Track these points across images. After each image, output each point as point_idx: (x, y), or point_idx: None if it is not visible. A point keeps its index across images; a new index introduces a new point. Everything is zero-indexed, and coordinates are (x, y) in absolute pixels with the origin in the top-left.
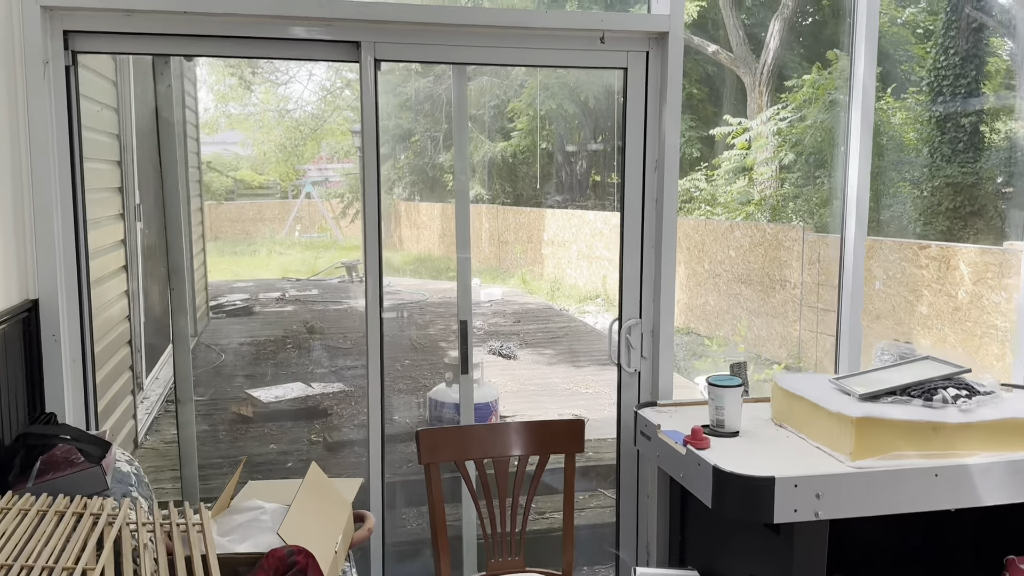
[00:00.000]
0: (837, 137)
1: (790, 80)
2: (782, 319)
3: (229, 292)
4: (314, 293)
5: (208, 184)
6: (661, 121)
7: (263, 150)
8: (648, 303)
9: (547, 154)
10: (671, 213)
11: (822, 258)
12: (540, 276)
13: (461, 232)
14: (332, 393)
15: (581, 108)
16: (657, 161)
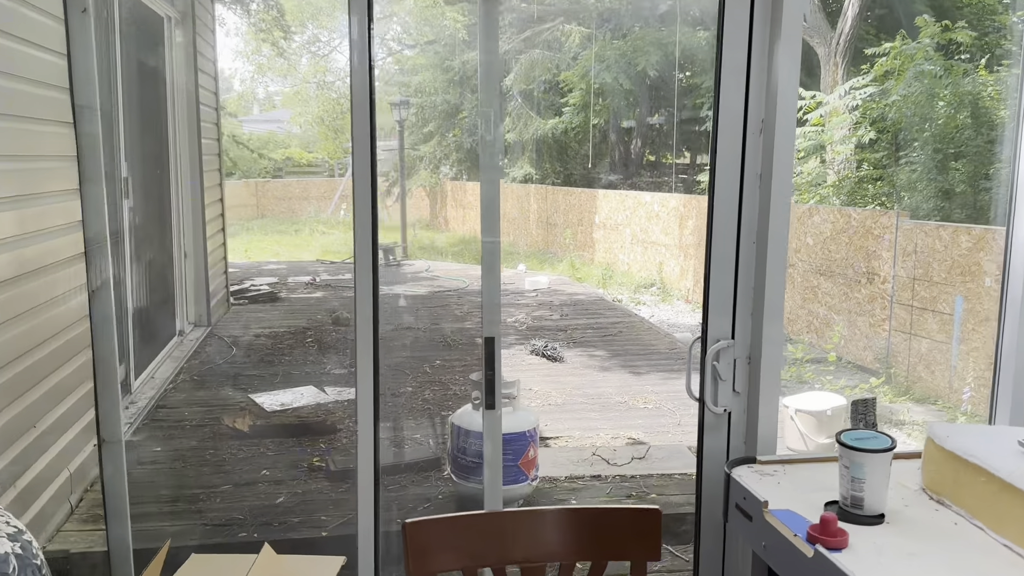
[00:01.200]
0: (928, 112)
1: (870, 49)
2: (868, 318)
3: (257, 275)
4: (347, 278)
5: (239, 161)
6: (772, 63)
7: (300, 122)
8: (744, 319)
9: (600, 131)
10: (783, 195)
11: (919, 249)
12: (591, 261)
13: (488, 209)
14: (347, 401)
15: (638, 81)
16: (764, 121)
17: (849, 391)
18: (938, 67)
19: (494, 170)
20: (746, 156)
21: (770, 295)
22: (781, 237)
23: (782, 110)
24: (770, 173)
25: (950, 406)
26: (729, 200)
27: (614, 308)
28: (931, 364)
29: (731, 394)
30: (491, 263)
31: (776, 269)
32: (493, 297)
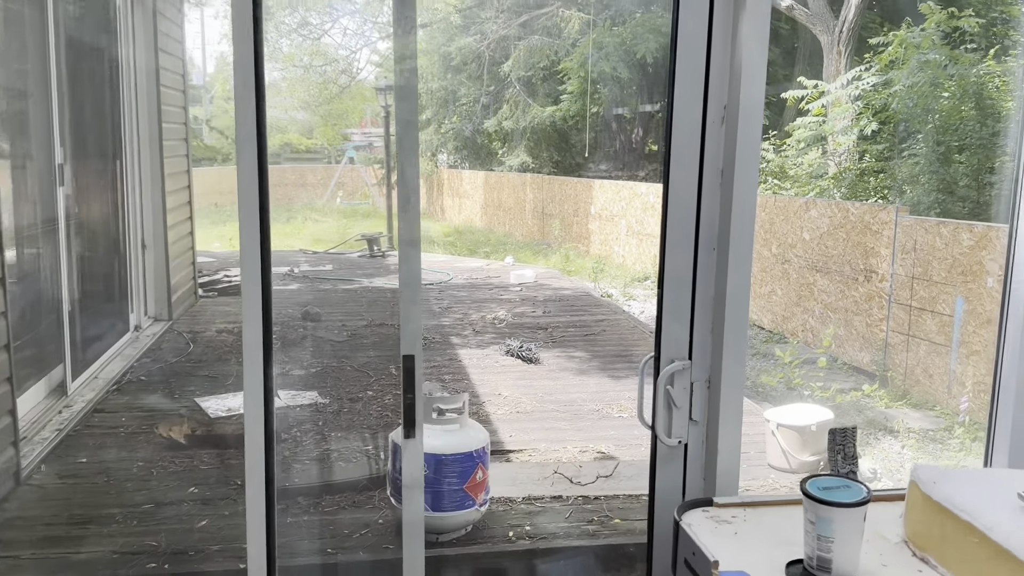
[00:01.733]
0: (932, 102)
1: (875, 38)
2: (864, 316)
3: (235, 265)
4: (327, 269)
5: (217, 147)
6: (736, 39)
7: (285, 108)
8: (703, 336)
9: (598, 120)
10: (747, 192)
11: (919, 246)
12: (585, 253)
13: (406, 200)
14: (300, 407)
15: (637, 69)
16: (727, 108)
17: (841, 397)
18: (943, 56)
19: (411, 151)
20: (705, 148)
21: (732, 309)
22: (745, 242)
23: (747, 95)
24: (732, 168)
25: (948, 412)
26: (685, 200)
27: (600, 304)
28: (929, 368)
29: (687, 423)
30: (410, 271)
31: (739, 279)
32: (412, 309)
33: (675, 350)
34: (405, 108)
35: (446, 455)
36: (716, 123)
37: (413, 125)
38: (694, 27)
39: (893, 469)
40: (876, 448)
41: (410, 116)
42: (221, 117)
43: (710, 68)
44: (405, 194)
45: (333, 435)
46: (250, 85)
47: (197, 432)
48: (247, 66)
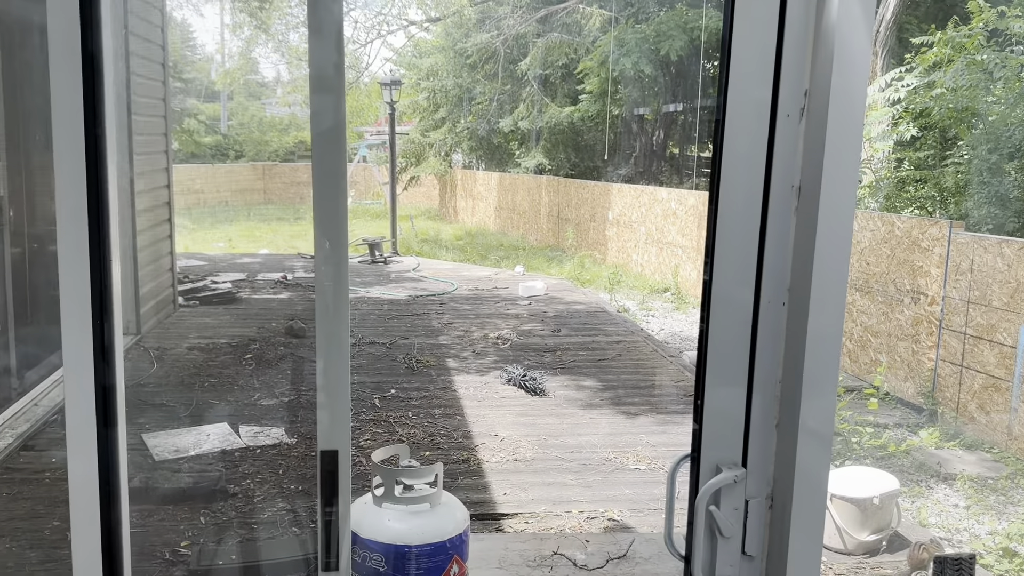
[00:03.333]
0: (980, 107)
1: (918, 38)
2: (911, 342)
3: (228, 270)
4: None
5: (228, 144)
6: (823, 5)
7: (288, 102)
8: (764, 434)
9: (619, 121)
10: (838, 217)
11: (976, 267)
12: (601, 261)
13: (323, 207)
14: (262, 448)
15: (661, 67)
16: (808, 96)
17: (894, 448)
18: (992, 57)
19: (331, 147)
20: (774, 154)
21: (811, 393)
22: (833, 293)
23: (842, 76)
24: (818, 182)
25: (1009, 457)
26: (742, 228)
27: (616, 322)
28: (986, 404)
29: (739, 559)
30: (334, 307)
31: (823, 348)
32: (337, 373)
33: (722, 452)
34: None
35: (411, 546)
36: (791, 118)
37: (331, 143)
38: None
39: (953, 528)
40: (929, 499)
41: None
42: (240, 114)
43: (783, 36)
44: (323, 238)
45: (292, 489)
46: (73, 54)
47: (132, 482)
48: (68, 30)
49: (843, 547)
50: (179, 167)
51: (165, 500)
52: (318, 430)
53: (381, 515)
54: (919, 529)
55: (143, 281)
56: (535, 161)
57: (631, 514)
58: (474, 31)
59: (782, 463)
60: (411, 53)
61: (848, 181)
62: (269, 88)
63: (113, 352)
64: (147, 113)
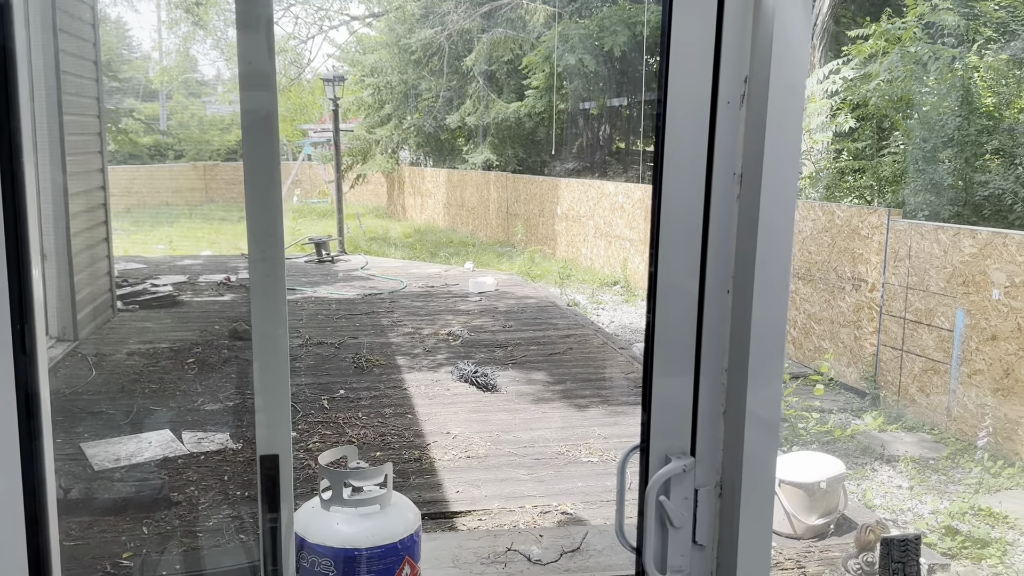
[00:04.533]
0: (914, 97)
1: (854, 31)
2: (853, 329)
3: (168, 272)
4: None
5: (170, 143)
6: None
7: (229, 100)
8: (712, 422)
9: (565, 116)
10: (780, 205)
11: (914, 253)
12: (551, 255)
13: (256, 205)
14: (206, 454)
15: (605, 62)
16: (748, 82)
17: (839, 433)
18: (926, 49)
19: (263, 144)
20: (715, 142)
21: (757, 381)
22: (776, 281)
23: (781, 62)
24: (759, 169)
25: (949, 437)
26: (686, 217)
27: (566, 315)
28: (926, 386)
29: (689, 548)
30: (270, 304)
31: (768, 336)
32: (275, 374)
33: (671, 442)
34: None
35: (361, 550)
36: (732, 104)
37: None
38: None
39: (897, 509)
40: (874, 481)
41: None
42: (180, 112)
43: (722, 23)
44: (257, 236)
45: (238, 495)
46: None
47: (70, 494)
48: None
49: (792, 531)
50: (117, 168)
51: (106, 511)
52: (257, 434)
53: (329, 519)
54: (865, 511)
55: (79, 286)
56: (483, 157)
57: (584, 507)
58: (418, 26)
59: (730, 451)
60: (354, 49)
61: (789, 167)
62: (209, 86)
63: (35, 359)
64: (79, 112)
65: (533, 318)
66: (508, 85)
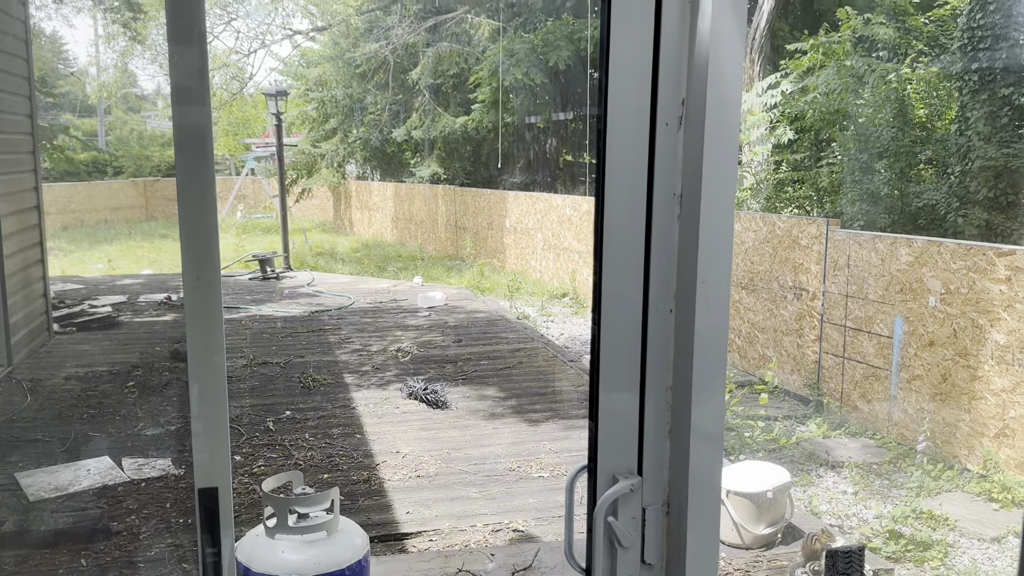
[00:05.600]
0: (850, 109)
1: (792, 44)
2: (795, 337)
3: (107, 292)
4: None
5: (107, 159)
6: (695, 8)
7: (170, 115)
8: (658, 440)
9: (512, 129)
10: (718, 225)
11: (853, 262)
12: (500, 268)
13: (188, 223)
14: (147, 481)
15: (550, 77)
16: (685, 104)
17: (784, 441)
18: (860, 62)
19: (197, 161)
20: (655, 164)
21: (701, 399)
22: (717, 299)
23: (718, 83)
24: (698, 190)
25: (890, 442)
26: (627, 238)
27: (516, 329)
28: (867, 392)
29: (639, 567)
30: (206, 335)
31: (710, 353)
32: (213, 423)
33: (617, 462)
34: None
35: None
36: (671, 126)
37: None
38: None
39: (842, 515)
40: (819, 487)
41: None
42: (119, 128)
43: (659, 47)
44: (191, 261)
45: (180, 523)
46: None
47: (4, 526)
48: None
49: (740, 542)
50: (53, 186)
51: (42, 543)
52: (195, 466)
53: (274, 547)
54: (811, 518)
55: (13, 309)
56: (430, 170)
57: (536, 523)
58: (362, 40)
59: (676, 469)
60: (298, 62)
61: (727, 188)
62: (149, 101)
63: None
64: (11, 131)
65: (483, 332)
66: (454, 99)
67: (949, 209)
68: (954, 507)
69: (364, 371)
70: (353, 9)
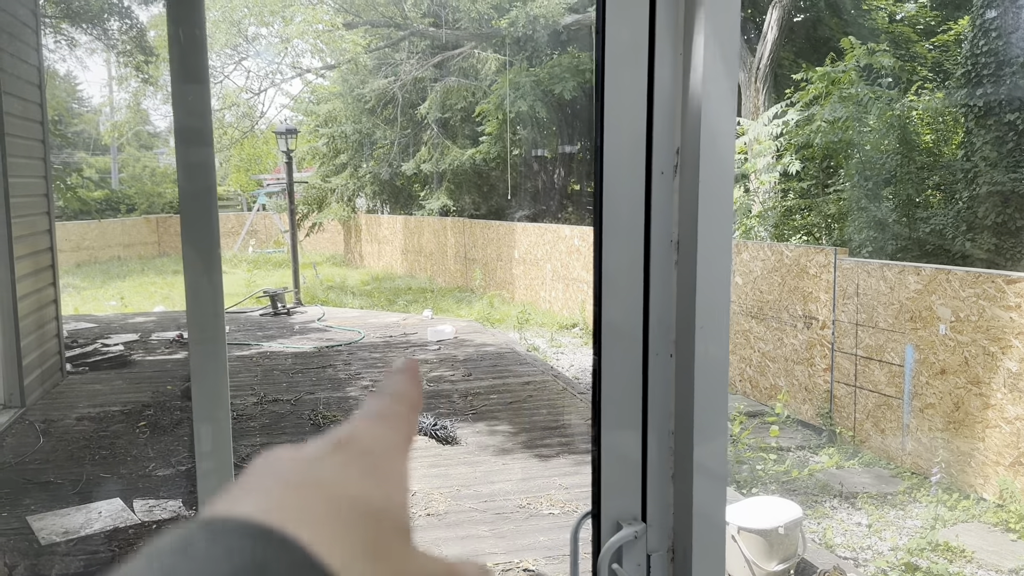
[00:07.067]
0: (855, 138)
1: (797, 74)
2: (806, 366)
3: (120, 331)
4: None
5: (119, 198)
6: (689, 56)
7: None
8: (661, 485)
9: (519, 161)
10: (716, 272)
11: (862, 291)
12: (510, 300)
13: (194, 283)
14: (159, 523)
15: (556, 109)
16: (680, 152)
17: (796, 473)
18: (865, 90)
19: (202, 201)
20: (652, 211)
21: (703, 442)
22: (716, 346)
23: (711, 131)
24: (694, 238)
25: (904, 471)
26: (625, 286)
27: (526, 361)
28: (880, 421)
29: None
30: (210, 393)
31: (710, 398)
32: (218, 454)
33: (621, 508)
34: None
35: None
36: (665, 175)
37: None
38: (629, 38)
39: (857, 547)
40: (834, 519)
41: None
42: (132, 165)
43: (653, 98)
44: (196, 318)
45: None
46: None
47: (15, 571)
48: None
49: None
50: (66, 224)
51: None
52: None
53: None
54: (825, 553)
55: (26, 351)
56: (439, 203)
57: (546, 562)
58: (371, 77)
59: (680, 514)
60: (308, 99)
61: (723, 234)
62: (162, 138)
63: None
64: (24, 174)
65: (492, 366)
66: (462, 132)
67: (957, 234)
68: (971, 538)
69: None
70: (362, 47)
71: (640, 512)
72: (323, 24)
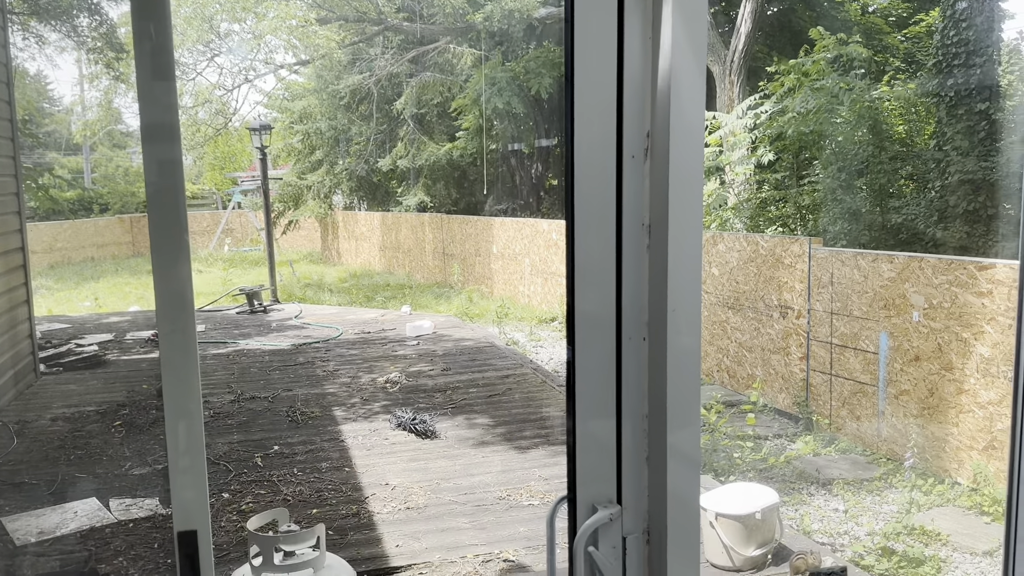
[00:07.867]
0: (827, 128)
1: (770, 66)
2: (783, 355)
3: (93, 331)
4: (199, 330)
5: (92, 197)
6: (657, 42)
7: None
8: (636, 468)
9: (496, 156)
10: (687, 254)
11: (837, 280)
12: (489, 294)
13: (161, 270)
14: (135, 522)
15: (532, 104)
16: (650, 137)
17: (773, 461)
18: (837, 81)
19: (168, 200)
20: (623, 196)
21: (677, 424)
22: (688, 329)
23: (681, 115)
24: (665, 221)
25: (880, 457)
26: (598, 270)
27: (505, 355)
28: (856, 408)
29: None
30: (182, 383)
31: (684, 380)
32: (191, 450)
33: (597, 491)
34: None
35: None
36: (637, 159)
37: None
38: (597, 22)
39: (834, 533)
40: (811, 506)
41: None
42: (105, 165)
43: (623, 83)
44: (166, 309)
45: (169, 563)
46: None
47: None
48: None
49: (731, 564)
50: (39, 225)
51: None
52: (173, 508)
53: None
54: (802, 538)
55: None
56: (417, 199)
57: (526, 552)
58: (346, 72)
59: (655, 497)
60: (282, 96)
61: (693, 217)
62: (135, 137)
63: None
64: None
65: (471, 360)
66: (439, 127)
67: (929, 223)
68: (946, 522)
69: (352, 403)
70: (336, 43)
71: (615, 495)
72: (296, 20)
